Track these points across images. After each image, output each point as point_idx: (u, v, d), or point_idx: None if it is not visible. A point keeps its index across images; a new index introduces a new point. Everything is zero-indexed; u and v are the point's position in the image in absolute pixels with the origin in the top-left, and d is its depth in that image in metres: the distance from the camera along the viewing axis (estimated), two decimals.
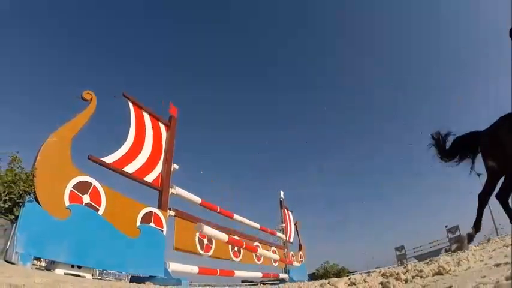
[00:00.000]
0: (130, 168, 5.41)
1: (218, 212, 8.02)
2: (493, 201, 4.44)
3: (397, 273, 2.74)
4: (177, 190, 6.52)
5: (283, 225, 12.33)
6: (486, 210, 4.61)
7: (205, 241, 7.05)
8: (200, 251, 6.77)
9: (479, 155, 4.63)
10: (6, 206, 3.36)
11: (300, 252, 13.35)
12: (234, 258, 8.01)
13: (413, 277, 2.56)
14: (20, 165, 3.58)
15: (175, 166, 6.66)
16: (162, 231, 5.71)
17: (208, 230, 5.74)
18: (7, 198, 3.35)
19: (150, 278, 5.16)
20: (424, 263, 4.53)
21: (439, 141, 4.96)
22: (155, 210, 5.68)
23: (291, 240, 12.79)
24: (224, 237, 6.48)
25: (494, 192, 4.37)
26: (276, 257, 9.91)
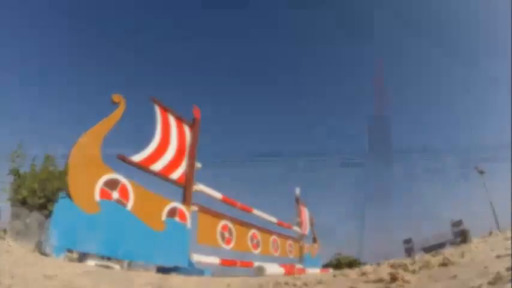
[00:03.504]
0: (156, 167, 5.26)
1: (238, 207, 7.79)
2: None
3: (405, 265, 2.73)
4: (200, 187, 6.33)
5: (299, 219, 11.97)
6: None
7: (226, 234, 6.82)
8: (222, 244, 6.55)
9: None
10: (41, 201, 3.25)
11: (315, 245, 12.94)
12: (253, 250, 7.74)
13: (420, 268, 2.54)
14: (53, 164, 3.48)
15: (198, 165, 6.48)
16: (186, 224, 5.52)
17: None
18: (42, 194, 3.25)
19: (175, 269, 4.99)
20: (430, 255, 4.19)
21: None
22: (179, 205, 5.51)
23: (306, 233, 12.41)
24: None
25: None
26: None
